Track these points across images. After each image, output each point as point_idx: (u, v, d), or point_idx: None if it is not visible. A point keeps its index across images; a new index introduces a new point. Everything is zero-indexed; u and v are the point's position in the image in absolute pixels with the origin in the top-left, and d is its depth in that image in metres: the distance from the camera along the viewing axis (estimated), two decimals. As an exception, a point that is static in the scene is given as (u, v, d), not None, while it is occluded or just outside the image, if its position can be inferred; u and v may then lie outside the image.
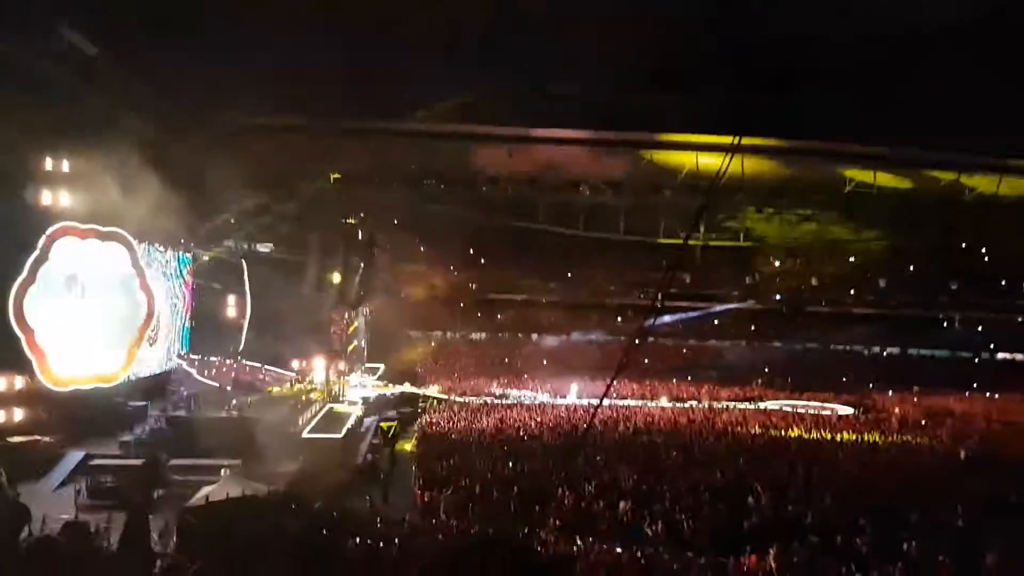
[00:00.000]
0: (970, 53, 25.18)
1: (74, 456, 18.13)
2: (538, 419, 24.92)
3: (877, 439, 24.18)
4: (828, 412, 30.58)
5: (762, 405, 32.15)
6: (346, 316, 30.18)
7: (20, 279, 18.26)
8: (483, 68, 21.08)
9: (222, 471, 18.15)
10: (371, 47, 20.66)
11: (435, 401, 29.50)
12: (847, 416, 30.08)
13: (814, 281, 46.94)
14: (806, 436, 24.26)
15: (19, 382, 18.39)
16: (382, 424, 25.87)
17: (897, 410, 31.07)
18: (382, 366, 35.52)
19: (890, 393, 35.62)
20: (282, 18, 20.00)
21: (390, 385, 32.14)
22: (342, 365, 29.63)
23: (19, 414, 18.22)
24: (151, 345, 25.89)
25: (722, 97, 22.32)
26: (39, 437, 18.14)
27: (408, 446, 22.43)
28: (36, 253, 18.85)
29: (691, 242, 40.10)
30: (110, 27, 19.30)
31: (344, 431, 21.82)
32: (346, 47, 20.83)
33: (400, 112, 24.79)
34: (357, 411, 25.12)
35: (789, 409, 31.21)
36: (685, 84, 22.96)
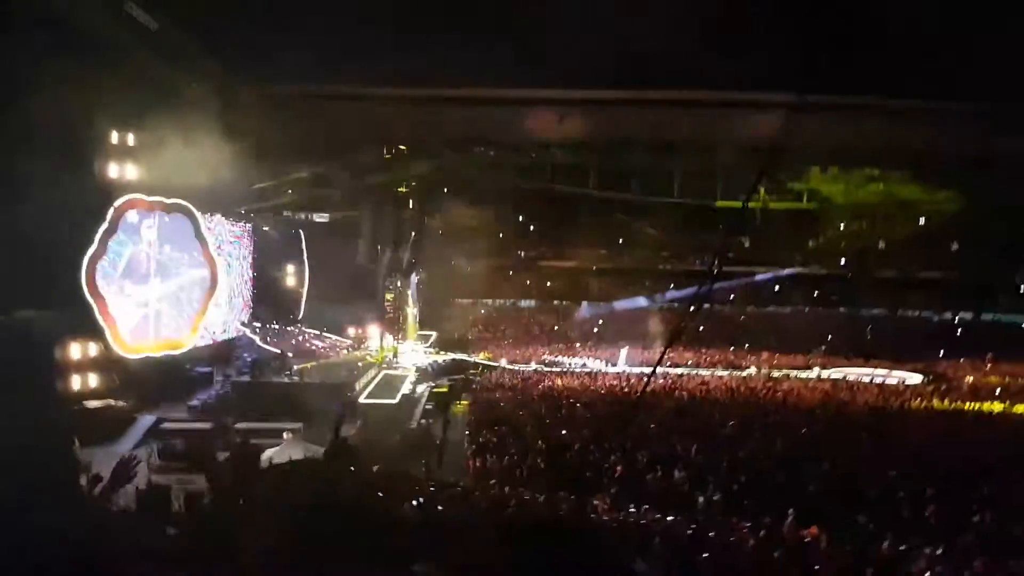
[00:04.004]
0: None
1: (146, 420, 19.04)
2: (590, 387, 24.81)
3: (947, 408, 23.18)
4: (895, 381, 29.48)
5: (824, 374, 31.21)
6: (399, 284, 30.55)
7: (91, 250, 19.05)
8: (527, 28, 20.46)
9: (284, 434, 18.82)
10: (420, 13, 20.35)
11: (486, 368, 29.73)
12: (915, 385, 28.94)
13: (881, 244, 44.89)
14: (871, 405, 23.43)
15: (92, 349, 19.26)
16: (435, 390, 26.38)
17: (969, 378, 29.70)
18: (434, 333, 35.96)
19: (961, 361, 34.05)
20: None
21: (442, 352, 32.54)
22: (395, 333, 30.12)
23: (93, 380, 19.12)
24: (216, 313, 26.82)
25: (785, 54, 21.14)
26: (112, 402, 19.07)
27: (460, 413, 22.72)
28: (105, 225, 19.60)
29: (750, 204, 38.75)
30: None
31: (399, 397, 22.26)
32: (396, 13, 20.56)
33: (448, 79, 24.43)
34: (411, 377, 25.57)
35: (853, 378, 30.20)
36: (745, 41, 21.84)
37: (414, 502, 11.92)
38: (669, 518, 11.66)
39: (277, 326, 33.86)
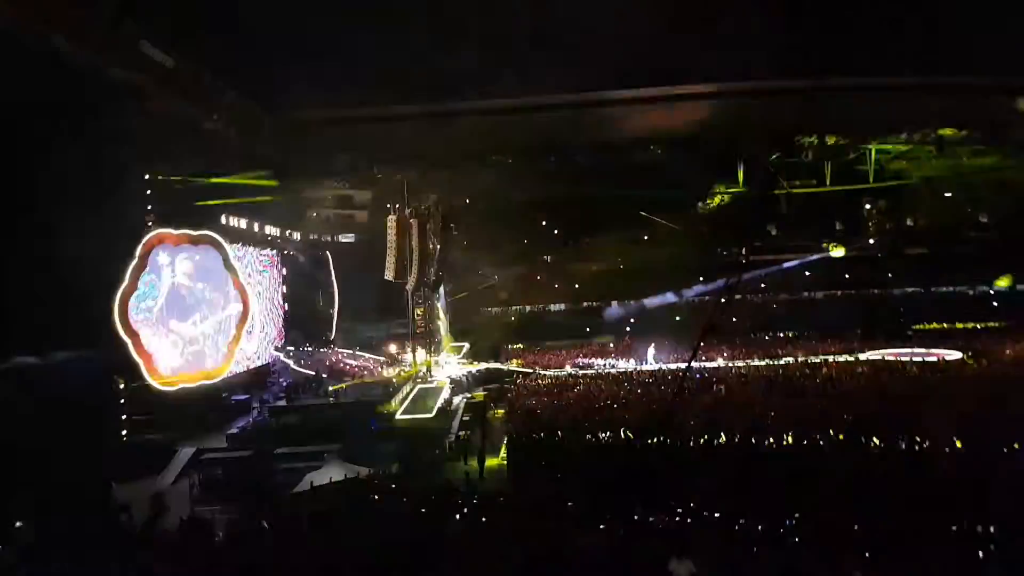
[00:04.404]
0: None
1: (186, 452, 19.30)
2: (626, 387, 24.52)
3: (989, 382, 22.48)
4: (935, 358, 28.70)
5: (863, 356, 30.50)
6: (426, 298, 30.65)
7: (122, 287, 19.41)
8: (532, 32, 20.41)
9: (324, 456, 18.96)
10: (425, 25, 20.42)
11: (520, 376, 29.62)
12: (956, 361, 28.15)
13: (909, 222, 43.88)
14: (912, 384, 22.81)
15: (129, 385, 19.59)
16: (471, 401, 26.37)
17: (1009, 351, 28.83)
18: (466, 344, 35.98)
19: (1000, 336, 33.09)
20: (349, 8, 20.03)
21: (475, 363, 32.53)
22: (427, 347, 30.20)
23: (131, 415, 19.44)
24: (249, 340, 27.16)
25: (793, 40, 20.79)
26: (151, 435, 19.39)
27: (498, 422, 22.63)
28: (135, 261, 19.98)
29: (775, 192, 38.14)
30: (182, 33, 19.86)
31: (435, 410, 22.26)
32: (404, 32, 20.68)
33: (460, 91, 24.48)
34: (446, 390, 25.58)
35: (892, 358, 29.47)
36: (755, 29, 21.52)
37: (456, 516, 11.93)
38: (715, 515, 11.47)
39: (310, 349, 34.26)
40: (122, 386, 19.31)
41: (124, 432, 19.05)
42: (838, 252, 42.17)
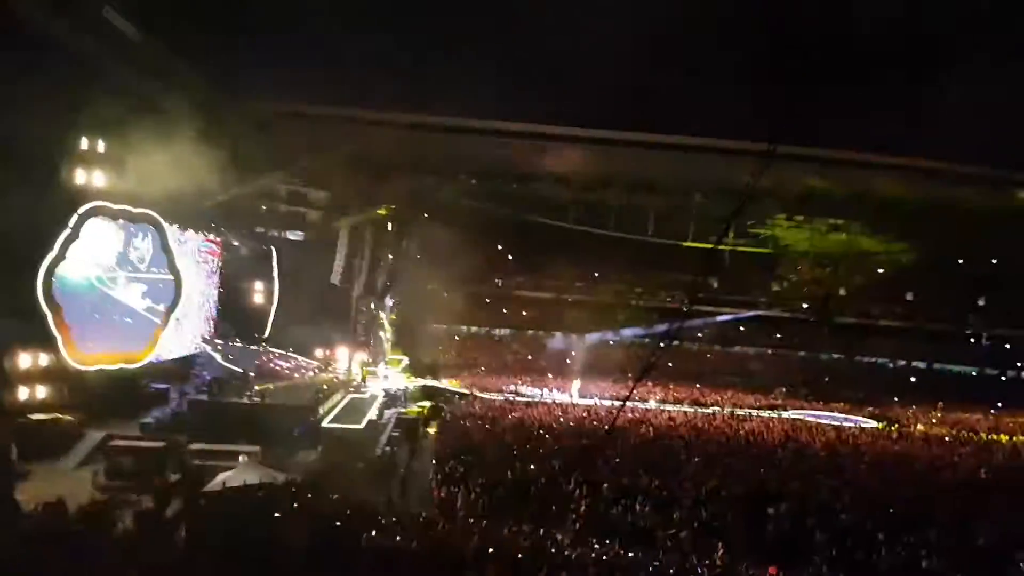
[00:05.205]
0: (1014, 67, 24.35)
1: (94, 436, 18.29)
2: (560, 418, 24.67)
3: (900, 454, 23.60)
4: (851, 424, 29.97)
5: (785, 414, 31.59)
6: (371, 307, 30.18)
7: (50, 256, 18.42)
8: (510, 61, 20.84)
9: (240, 457, 18.24)
10: (407, 37, 20.54)
11: (457, 396, 29.39)
12: (870, 429, 29.45)
13: (842, 291, 46.06)
14: (828, 448, 23.71)
15: (43, 359, 18.54)
16: (402, 416, 25.95)
17: (920, 425, 30.38)
18: (406, 358, 35.52)
19: (914, 408, 34.84)
20: (321, 6, 19.96)
21: (412, 378, 32.11)
22: (365, 356, 29.65)
23: (41, 392, 18.37)
24: (177, 328, 26.10)
25: (757, 103, 21.84)
26: (60, 416, 18.31)
27: (428, 441, 22.34)
28: (67, 232, 19.01)
29: (720, 247, 39.44)
30: (153, 9, 19.35)
31: (365, 422, 21.81)
32: (383, 37, 20.72)
33: (433, 105, 24.60)
34: (378, 403, 25.11)
35: (812, 419, 30.62)
36: (719, 89, 22.53)
37: (371, 533, 11.65)
38: (630, 554, 11.60)
39: (240, 344, 33.07)
40: (35, 360, 18.21)
41: (31, 409, 17.91)
42: (772, 311, 43.84)
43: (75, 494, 12.76)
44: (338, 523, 12.00)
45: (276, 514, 12.66)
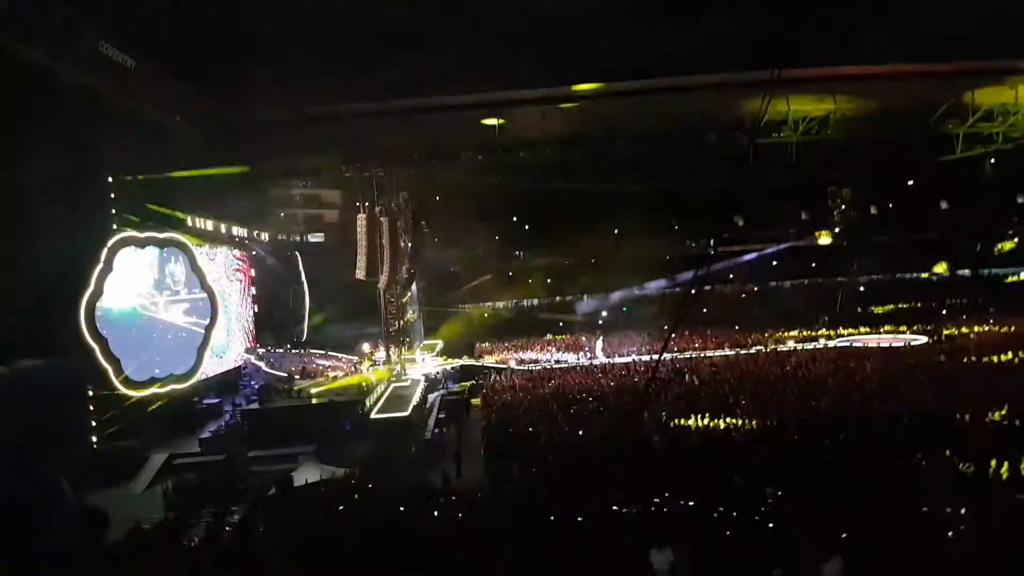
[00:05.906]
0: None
1: (158, 458, 19.00)
2: (600, 380, 24.77)
3: (953, 366, 23.21)
4: (900, 343, 29.49)
5: (831, 343, 31.21)
6: (399, 296, 30.52)
7: (88, 292, 18.97)
8: (499, 28, 20.50)
9: (298, 458, 18.84)
10: (390, 22, 20.35)
11: (495, 372, 29.68)
12: (920, 345, 28.94)
13: (873, 210, 44.92)
14: (879, 369, 23.40)
15: (98, 392, 19.18)
16: (446, 398, 26.38)
17: (973, 336, 29.68)
18: (440, 342, 35.94)
19: (964, 318, 34.05)
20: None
21: (449, 360, 32.52)
22: (400, 344, 30.09)
23: (101, 422, 19.03)
24: (219, 343, 26.76)
25: (757, 31, 21.15)
26: (121, 443, 19.02)
27: (473, 418, 22.69)
28: (100, 266, 19.53)
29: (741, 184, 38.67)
30: (145, 33, 19.45)
31: (410, 408, 22.22)
32: (367, 25, 20.54)
33: (426, 88, 24.43)
34: (420, 388, 25.54)
35: (860, 344, 30.22)
36: (714, 22, 21.85)
37: (434, 513, 11.98)
38: (690, 504, 11.67)
39: (282, 350, 33.89)
40: (91, 393, 18.87)
41: (94, 440, 18.64)
42: (825, 240, 43.00)
43: (148, 515, 13.34)
44: (400, 507, 12.37)
45: (340, 507, 13.12)
